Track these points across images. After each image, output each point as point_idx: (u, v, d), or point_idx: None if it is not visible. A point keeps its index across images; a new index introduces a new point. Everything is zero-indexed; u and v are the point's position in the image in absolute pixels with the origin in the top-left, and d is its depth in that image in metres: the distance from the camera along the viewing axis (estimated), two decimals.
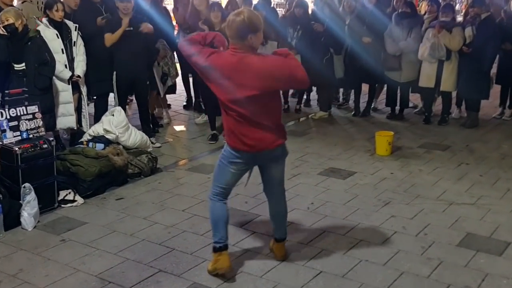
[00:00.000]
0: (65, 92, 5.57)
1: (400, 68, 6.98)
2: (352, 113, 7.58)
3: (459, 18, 8.04)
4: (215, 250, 3.40)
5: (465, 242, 3.85)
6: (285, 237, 3.66)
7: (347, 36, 7.13)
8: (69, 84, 5.56)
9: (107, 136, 5.25)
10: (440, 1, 8.54)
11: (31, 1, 6.22)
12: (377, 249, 3.76)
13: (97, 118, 5.89)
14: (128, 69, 5.84)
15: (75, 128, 5.76)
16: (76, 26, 5.61)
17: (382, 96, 7.81)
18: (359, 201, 4.60)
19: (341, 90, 8.23)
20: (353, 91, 7.81)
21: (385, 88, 7.62)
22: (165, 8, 7.51)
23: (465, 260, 3.60)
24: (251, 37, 3.13)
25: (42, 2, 6.51)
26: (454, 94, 7.07)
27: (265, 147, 3.28)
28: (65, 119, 5.60)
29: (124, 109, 5.92)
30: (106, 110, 5.89)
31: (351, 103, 7.95)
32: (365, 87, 7.56)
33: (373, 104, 7.70)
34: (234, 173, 3.37)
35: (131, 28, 5.78)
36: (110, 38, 5.79)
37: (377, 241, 3.86)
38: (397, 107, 7.38)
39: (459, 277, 3.41)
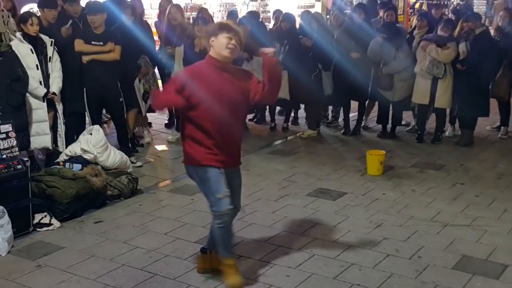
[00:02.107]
0: (39, 110, 5.61)
1: (393, 87, 7.10)
2: (342, 131, 7.71)
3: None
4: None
5: (461, 265, 3.94)
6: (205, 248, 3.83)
7: (335, 51, 7.27)
8: (44, 101, 5.61)
9: (84, 156, 5.29)
10: (433, 14, 8.83)
11: None
12: (369, 273, 3.83)
13: (67, 137, 5.93)
14: (97, 85, 5.92)
15: (51, 148, 5.79)
16: (52, 41, 5.67)
17: (373, 113, 7.96)
18: (350, 223, 4.68)
19: (330, 107, 8.38)
20: (342, 108, 7.95)
21: (376, 106, 7.77)
22: (146, 22, 7.63)
23: (461, 284, 3.68)
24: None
25: (8, 16, 6.58)
26: (448, 111, 7.23)
27: None
28: (40, 139, 5.63)
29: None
30: (78, 129, 5.98)
31: (340, 121, 8.08)
32: (354, 104, 7.70)
33: (363, 122, 7.84)
34: None
35: (101, 43, 5.87)
36: (81, 46, 5.85)
37: (369, 265, 3.94)
38: (389, 125, 7.53)
39: None
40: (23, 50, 5.42)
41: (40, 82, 5.55)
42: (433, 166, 6.25)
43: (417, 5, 17.35)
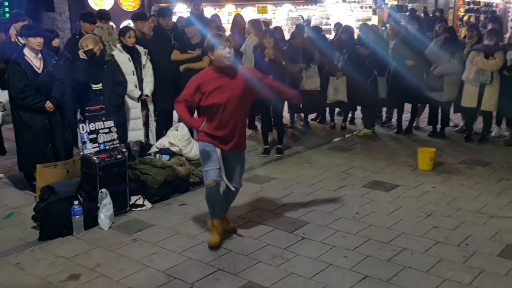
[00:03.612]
0: (135, 109, 5.84)
1: (442, 88, 6.91)
2: (395, 130, 7.54)
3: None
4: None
5: (505, 252, 3.78)
6: None
7: (391, 59, 7.16)
8: (138, 102, 5.84)
9: (171, 149, 5.46)
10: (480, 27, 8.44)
11: (102, 27, 6.58)
12: (420, 257, 3.74)
13: (157, 132, 6.11)
14: None
15: (143, 141, 6.02)
16: (145, 51, 5.89)
17: (424, 115, 7.73)
18: (402, 212, 4.58)
19: (384, 109, 8.22)
20: (396, 110, 7.78)
21: (427, 108, 7.56)
22: None
23: (505, 270, 3.53)
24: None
25: (112, 27, 6.90)
26: (494, 113, 6.92)
27: None
28: (135, 133, 5.87)
29: None
30: (166, 125, 6.17)
31: (393, 121, 7.91)
32: (407, 106, 7.51)
33: (415, 122, 7.64)
34: None
35: (197, 51, 6.08)
36: (177, 55, 6.18)
37: (420, 250, 3.84)
38: (439, 126, 7.30)
39: (500, 285, 3.36)
40: (122, 59, 5.65)
41: (136, 85, 5.78)
42: (480, 163, 6.00)
43: (465, 18, 16.60)
